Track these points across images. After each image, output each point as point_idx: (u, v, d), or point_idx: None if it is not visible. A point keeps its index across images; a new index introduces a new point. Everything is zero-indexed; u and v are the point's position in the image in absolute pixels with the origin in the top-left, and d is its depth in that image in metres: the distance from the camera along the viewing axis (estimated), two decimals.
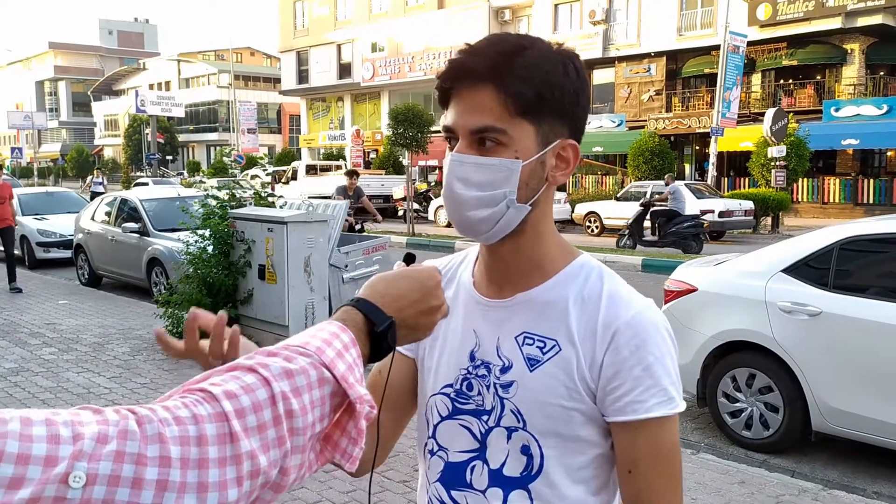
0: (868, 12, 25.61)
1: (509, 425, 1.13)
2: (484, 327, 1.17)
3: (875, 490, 4.52)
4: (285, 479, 0.79)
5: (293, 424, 0.77)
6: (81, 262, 12.69)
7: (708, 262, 6.00)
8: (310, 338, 0.84)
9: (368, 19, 42.49)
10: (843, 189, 26.75)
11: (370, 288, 0.98)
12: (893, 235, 4.83)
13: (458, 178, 1.07)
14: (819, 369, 4.73)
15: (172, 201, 11.37)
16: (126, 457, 0.66)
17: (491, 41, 1.07)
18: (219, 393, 0.74)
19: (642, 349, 1.06)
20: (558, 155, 1.10)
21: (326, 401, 0.81)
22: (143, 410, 0.71)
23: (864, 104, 26.04)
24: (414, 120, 19.91)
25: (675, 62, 31.19)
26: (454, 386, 1.19)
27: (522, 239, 1.12)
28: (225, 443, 0.72)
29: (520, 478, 1.12)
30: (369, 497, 1.22)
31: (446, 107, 1.10)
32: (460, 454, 1.18)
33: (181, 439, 0.70)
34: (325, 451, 0.86)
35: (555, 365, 1.10)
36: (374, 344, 0.91)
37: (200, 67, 69.32)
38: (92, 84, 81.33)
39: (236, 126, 46.11)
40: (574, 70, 1.08)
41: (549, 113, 1.07)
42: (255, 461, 0.73)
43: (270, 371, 0.78)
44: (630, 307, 1.09)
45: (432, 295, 1.00)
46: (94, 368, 6.80)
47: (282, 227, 6.77)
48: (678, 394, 1.08)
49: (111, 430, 0.67)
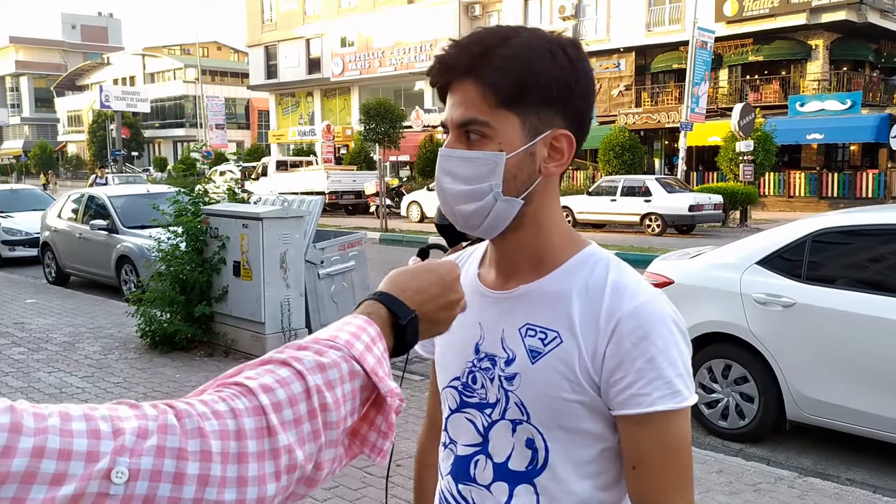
0: (831, 8, 26.06)
1: (514, 418, 1.11)
2: (489, 320, 1.16)
3: (848, 477, 4.61)
4: (319, 474, 0.78)
5: (327, 418, 0.77)
6: (48, 261, 12.47)
7: (684, 254, 6.06)
8: (338, 331, 0.84)
9: (337, 14, 42.20)
10: (808, 183, 27.20)
11: (392, 282, 0.97)
12: (864, 227, 4.93)
13: (446, 173, 1.08)
14: (793, 359, 4.81)
15: (141, 198, 11.21)
16: (167, 451, 0.66)
17: (478, 34, 1.07)
18: (255, 387, 0.74)
19: (646, 340, 1.03)
20: (551, 146, 1.07)
21: (357, 394, 0.81)
22: (181, 405, 0.71)
23: (829, 99, 26.52)
24: (386, 115, 19.87)
25: (644, 57, 31.47)
26: (461, 379, 1.19)
27: (523, 233, 1.11)
28: (263, 437, 0.71)
29: (525, 472, 1.11)
30: (386, 493, 1.23)
31: (445, 103, 1.11)
32: (466, 448, 1.18)
33: (221, 433, 0.69)
34: (352, 446, 0.85)
35: (556, 357, 1.07)
36: (397, 338, 0.91)
37: (166, 62, 68.41)
38: (55, 79, 79.87)
39: (204, 122, 45.61)
40: (564, 56, 1.05)
41: (536, 102, 1.04)
42: (292, 455, 0.73)
43: (304, 364, 0.77)
44: (635, 297, 1.05)
45: (452, 289, 1.00)
46: (65, 368, 6.68)
47: (257, 224, 6.70)
48: (686, 387, 1.04)
49: (150, 424, 0.67)
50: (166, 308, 7.20)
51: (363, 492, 4.06)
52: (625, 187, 20.02)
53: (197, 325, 7.16)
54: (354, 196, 26.93)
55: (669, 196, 19.17)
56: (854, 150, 28.77)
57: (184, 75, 64.51)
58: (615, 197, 20.03)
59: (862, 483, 4.49)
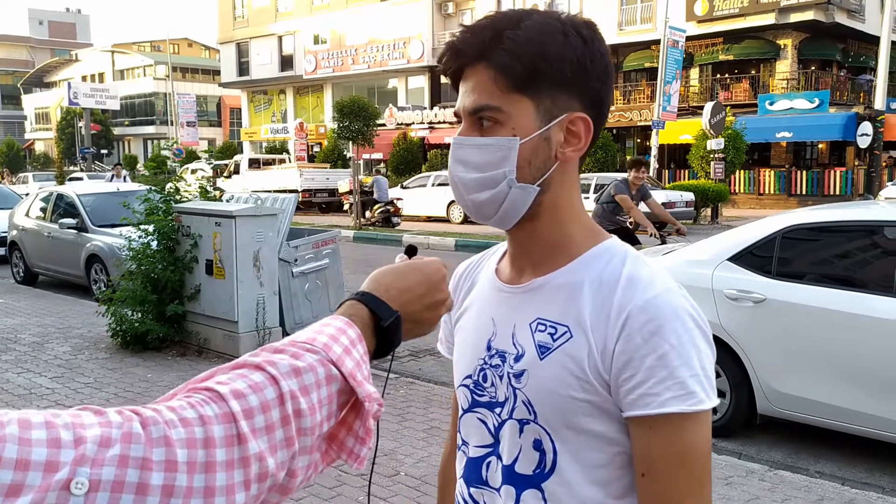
0: (800, 8, 26.46)
1: (521, 417, 1.05)
2: (501, 315, 1.11)
3: (818, 469, 4.69)
4: (293, 482, 0.76)
5: (302, 424, 0.75)
6: (16, 260, 12.26)
7: (656, 251, 6.12)
8: (316, 333, 0.81)
9: (310, 11, 41.96)
10: (777, 180, 27.60)
11: (375, 281, 0.95)
12: (832, 224, 5.02)
13: (458, 161, 1.04)
14: (764, 354, 4.88)
15: (111, 196, 11.06)
16: (130, 461, 0.64)
17: (489, 18, 1.03)
18: (226, 392, 0.72)
19: (657, 336, 0.95)
20: (567, 130, 1.02)
21: (334, 399, 0.79)
22: (148, 412, 0.68)
23: (797, 98, 26.93)
24: (359, 113, 19.82)
25: (616, 56, 31.64)
26: (473, 377, 1.14)
27: (539, 222, 1.06)
28: (233, 445, 0.69)
29: (532, 476, 1.05)
30: (368, 498, 1.19)
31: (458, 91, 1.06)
32: (478, 449, 1.12)
33: (188, 441, 0.67)
34: (330, 451, 0.83)
35: (565, 353, 1.01)
36: (379, 339, 0.89)
37: (136, 59, 67.51)
38: (22, 76, 78.50)
39: (175, 119, 45.10)
40: (578, 37, 1.00)
41: (550, 85, 1.00)
42: (263, 463, 0.71)
43: (278, 369, 0.75)
44: (648, 290, 0.98)
45: (437, 289, 0.98)
46: (34, 369, 6.58)
47: (230, 222, 6.65)
48: (703, 388, 0.95)
49: (114, 432, 0.64)
50: (137, 307, 7.11)
51: (338, 490, 4.05)
52: (597, 185, 20.12)
53: (169, 325, 7.09)
54: (328, 194, 26.80)
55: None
56: (822, 149, 29.22)
57: (154, 72, 63.73)
58: (588, 195, 20.12)
59: (831, 475, 4.57)
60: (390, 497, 3.99)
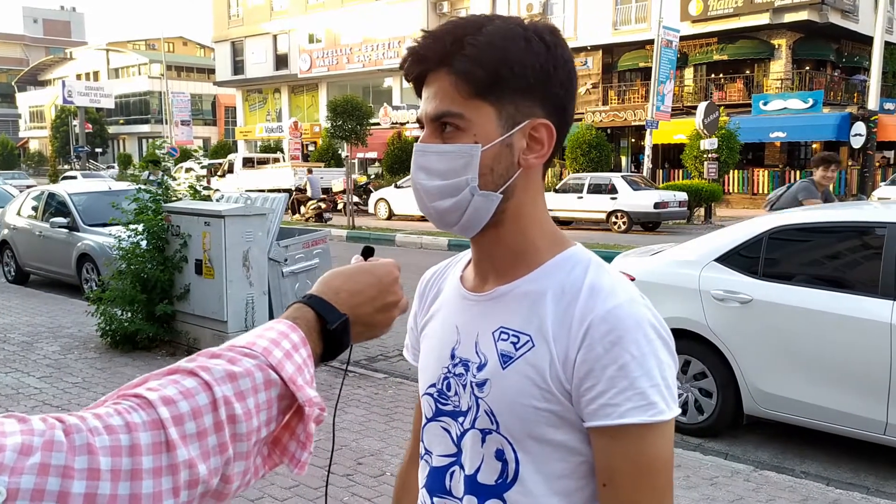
0: (794, 8, 26.50)
1: (483, 427, 1.05)
2: (465, 322, 1.10)
3: (803, 469, 4.70)
4: (228, 487, 0.75)
5: (236, 430, 0.74)
6: (7, 259, 12.22)
7: (644, 251, 6.13)
8: (256, 338, 0.81)
9: (305, 10, 41.90)
10: (771, 180, 27.63)
11: (324, 284, 0.95)
12: (818, 225, 5.03)
13: (420, 168, 1.03)
14: (750, 355, 4.89)
15: (103, 195, 11.04)
16: (51, 469, 0.63)
17: (451, 23, 1.02)
18: (155, 399, 0.71)
19: (618, 346, 0.95)
20: (530, 136, 1.02)
21: (273, 404, 0.78)
22: (72, 419, 0.68)
23: (791, 98, 26.97)
24: (353, 112, 19.83)
25: (611, 56, 31.72)
26: (437, 385, 1.13)
27: (503, 230, 1.05)
28: (161, 452, 0.69)
29: (494, 486, 1.04)
30: (326, 497, 1.20)
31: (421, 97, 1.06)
32: (441, 458, 1.12)
33: (112, 449, 0.66)
34: (273, 455, 0.83)
35: (527, 362, 1.01)
36: (327, 342, 0.88)
37: (131, 57, 67.36)
38: (16, 74, 78.28)
39: (169, 118, 45.03)
40: (542, 44, 1.00)
41: (512, 91, 0.99)
42: (193, 470, 0.70)
43: (212, 374, 0.75)
44: (610, 300, 0.98)
45: (389, 291, 0.97)
46: (22, 368, 6.56)
47: (219, 221, 6.64)
48: (664, 399, 0.95)
49: (36, 440, 0.64)
50: (127, 307, 7.10)
51: (322, 490, 4.05)
52: (591, 185, 20.16)
53: (158, 324, 7.08)
54: (322, 193, 26.76)
55: (635, 193, 19.35)
56: (816, 149, 29.25)
57: (149, 71, 63.60)
58: (581, 194, 20.16)
59: (816, 475, 4.58)
60: (375, 497, 3.99)
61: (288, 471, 4.19)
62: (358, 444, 4.70)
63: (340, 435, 4.85)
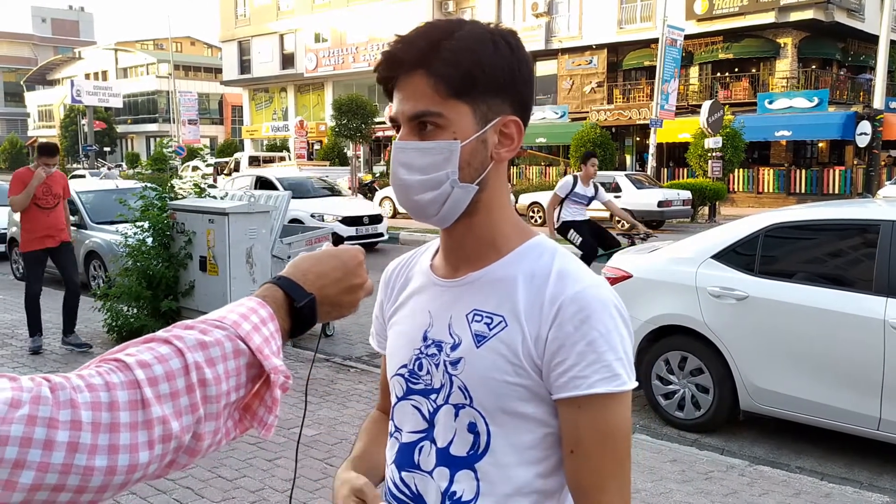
0: (800, 7, 26.45)
1: (457, 402, 1.12)
2: (437, 307, 1.18)
3: (798, 465, 4.75)
4: (200, 445, 0.83)
5: (206, 393, 0.82)
6: (15, 256, 12.34)
7: (643, 249, 6.18)
8: (227, 312, 0.89)
9: (311, 9, 42.02)
10: (776, 179, 27.61)
11: (294, 266, 1.02)
12: (813, 222, 5.08)
13: (401, 165, 1.10)
14: (746, 351, 4.94)
15: (109, 193, 11.13)
16: (38, 420, 0.71)
17: (422, 29, 1.09)
18: (132, 362, 0.79)
19: (586, 324, 1.04)
20: (500, 132, 1.10)
21: (242, 371, 0.86)
22: (58, 378, 0.76)
23: (797, 97, 26.91)
24: (358, 111, 19.91)
25: (616, 54, 31.70)
26: (408, 366, 1.20)
27: (475, 219, 1.13)
28: (137, 409, 0.76)
29: (466, 457, 1.12)
30: (293, 483, 1.26)
31: (391, 99, 1.12)
32: (411, 434, 1.19)
33: (93, 405, 0.74)
34: (244, 420, 0.91)
35: (500, 340, 1.09)
36: (295, 319, 0.96)
37: (139, 57, 67.58)
38: (25, 73, 78.64)
39: (177, 117, 45.18)
40: (506, 46, 1.08)
41: (484, 91, 1.07)
42: (166, 426, 0.78)
43: (185, 342, 0.82)
44: (577, 283, 1.08)
45: (354, 273, 1.05)
46: (30, 364, 6.66)
47: (223, 219, 6.72)
48: (626, 371, 1.05)
49: (24, 395, 0.72)
50: (133, 303, 7.19)
51: (323, 482, 4.12)
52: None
53: (164, 320, 7.16)
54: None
55: (639, 192, 19.36)
56: (822, 147, 29.24)
57: (157, 70, 63.80)
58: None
59: (811, 471, 4.63)
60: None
61: (289, 463, 4.24)
62: (340, 430, 4.76)
63: (341, 429, 4.93)
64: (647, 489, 4.12)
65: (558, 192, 8.96)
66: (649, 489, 4.13)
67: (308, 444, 4.60)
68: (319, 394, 5.66)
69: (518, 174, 30.54)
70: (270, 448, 4.59)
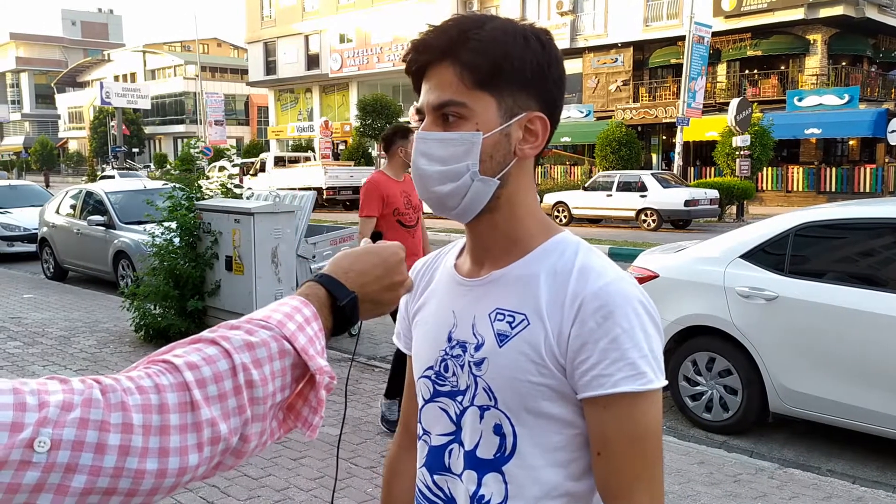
0: (830, 3, 26.06)
1: (482, 404, 1.10)
2: (462, 307, 1.15)
3: (829, 468, 4.67)
4: (246, 446, 0.83)
5: (253, 394, 0.81)
6: (46, 256, 12.53)
7: (669, 248, 6.12)
8: (272, 312, 0.88)
9: (336, 10, 42.21)
10: (806, 178, 27.24)
11: (334, 264, 1.01)
12: (844, 221, 4.98)
13: (422, 154, 1.08)
14: (776, 352, 4.86)
15: (138, 194, 11.27)
16: (90, 423, 0.71)
17: (453, 19, 1.08)
18: (180, 364, 0.78)
19: (609, 320, 1.01)
20: (525, 128, 1.08)
21: (287, 372, 0.85)
22: (108, 380, 0.75)
23: (827, 94, 26.52)
24: (382, 111, 19.97)
25: (642, 52, 31.45)
26: (434, 368, 1.18)
27: (498, 215, 1.11)
28: (186, 411, 0.76)
29: (493, 460, 1.09)
30: (336, 467, 1.26)
31: (419, 92, 1.11)
32: (440, 437, 1.17)
33: (143, 407, 0.74)
34: (287, 420, 0.90)
35: (523, 340, 1.06)
36: (337, 317, 0.95)
37: (167, 59, 68.38)
38: (55, 76, 79.87)
39: (203, 118, 45.61)
40: (537, 42, 1.06)
41: (511, 84, 1.05)
42: (215, 428, 0.78)
43: (231, 343, 0.82)
44: (600, 278, 1.04)
45: (395, 271, 1.03)
46: (59, 362, 6.75)
47: (248, 219, 6.76)
48: (652, 369, 1.01)
49: (76, 398, 0.72)
50: (160, 302, 7.26)
51: (348, 482, 4.13)
52: (621, 182, 20.05)
53: (190, 319, 7.22)
54: (352, 191, 26.95)
55: (665, 191, 19.21)
56: (852, 145, 28.79)
57: (184, 72, 64.50)
58: (611, 192, 20.06)
59: (842, 474, 4.55)
60: None
61: (314, 462, 4.25)
62: (382, 438, 4.76)
63: (365, 428, 4.93)
64: (675, 492, 4.07)
65: None
66: (676, 492, 4.08)
67: (332, 443, 4.61)
68: (344, 393, 5.67)
69: (543, 173, 30.41)
70: (295, 447, 4.61)
